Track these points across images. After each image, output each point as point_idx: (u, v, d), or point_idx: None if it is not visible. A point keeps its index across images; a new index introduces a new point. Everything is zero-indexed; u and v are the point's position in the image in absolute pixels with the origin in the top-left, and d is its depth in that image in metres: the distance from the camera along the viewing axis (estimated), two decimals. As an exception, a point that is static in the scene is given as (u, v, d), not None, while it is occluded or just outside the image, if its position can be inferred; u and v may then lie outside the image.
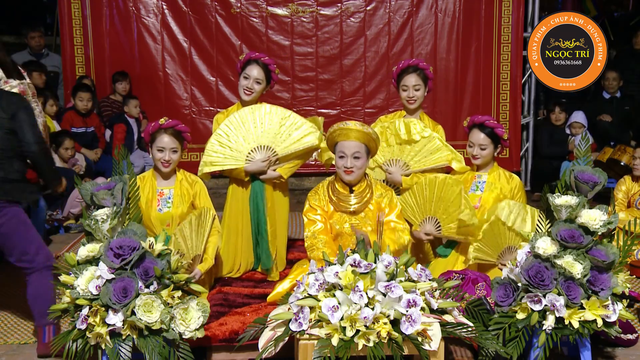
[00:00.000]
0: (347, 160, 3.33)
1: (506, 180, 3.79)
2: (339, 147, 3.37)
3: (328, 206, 3.46)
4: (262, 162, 3.81)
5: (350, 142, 3.33)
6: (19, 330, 3.71)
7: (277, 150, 3.83)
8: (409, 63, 4.02)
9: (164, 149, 3.53)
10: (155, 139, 3.55)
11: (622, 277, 3.07)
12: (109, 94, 6.99)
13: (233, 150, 3.81)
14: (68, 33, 7.07)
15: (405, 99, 3.98)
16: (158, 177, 3.61)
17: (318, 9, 7.16)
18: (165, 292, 2.75)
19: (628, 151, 5.98)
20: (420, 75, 3.97)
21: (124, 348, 2.71)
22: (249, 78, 3.92)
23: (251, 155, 3.82)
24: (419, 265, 2.88)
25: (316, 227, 3.41)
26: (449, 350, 3.31)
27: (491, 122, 3.76)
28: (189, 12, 7.10)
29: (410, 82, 3.95)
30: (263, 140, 3.83)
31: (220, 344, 3.12)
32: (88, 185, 3.07)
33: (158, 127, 3.56)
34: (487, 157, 3.78)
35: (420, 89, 3.97)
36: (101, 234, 2.88)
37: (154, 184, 3.59)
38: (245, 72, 3.93)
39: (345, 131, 3.33)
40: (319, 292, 2.67)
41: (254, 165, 3.81)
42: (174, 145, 3.55)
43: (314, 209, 3.46)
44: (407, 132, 3.87)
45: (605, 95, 6.92)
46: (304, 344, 2.66)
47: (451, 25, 7.15)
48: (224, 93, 7.21)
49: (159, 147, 3.53)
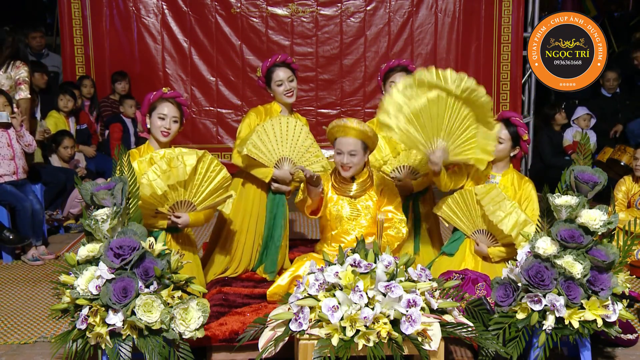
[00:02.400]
0: (344, 156, 3.41)
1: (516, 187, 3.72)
2: (337, 144, 3.44)
3: (328, 187, 3.52)
4: (289, 173, 3.85)
5: (348, 139, 3.40)
6: (19, 330, 3.71)
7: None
8: (398, 62, 4.04)
9: (166, 116, 3.49)
10: (157, 107, 3.51)
11: (622, 277, 3.07)
12: (109, 94, 6.99)
13: (269, 152, 3.84)
14: (68, 33, 7.08)
15: None
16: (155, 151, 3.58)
17: (318, 9, 7.16)
18: (165, 292, 2.75)
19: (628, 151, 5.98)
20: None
21: (124, 348, 2.71)
22: (283, 82, 3.94)
23: (280, 163, 3.85)
24: (419, 265, 2.88)
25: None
26: (449, 350, 3.31)
27: (516, 120, 3.70)
28: (189, 12, 7.11)
29: (398, 80, 3.95)
30: (293, 154, 3.86)
31: (220, 344, 3.13)
32: (88, 185, 3.07)
33: (160, 96, 3.54)
34: (502, 152, 3.70)
35: None
36: (101, 234, 2.88)
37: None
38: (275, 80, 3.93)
39: (342, 128, 3.40)
40: (319, 292, 2.67)
41: (282, 173, 3.85)
42: (175, 115, 3.52)
43: None
44: None
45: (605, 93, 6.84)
46: (304, 344, 2.66)
47: (451, 25, 7.16)
48: (224, 93, 7.21)
49: (161, 114, 3.49)
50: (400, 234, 3.47)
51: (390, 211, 3.49)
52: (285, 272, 3.52)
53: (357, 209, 3.49)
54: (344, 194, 3.50)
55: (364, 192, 3.50)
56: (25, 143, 5.12)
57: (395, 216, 3.49)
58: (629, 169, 5.50)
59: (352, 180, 3.50)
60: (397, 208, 3.52)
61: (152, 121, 3.53)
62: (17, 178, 5.06)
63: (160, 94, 3.54)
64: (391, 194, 3.53)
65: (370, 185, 3.52)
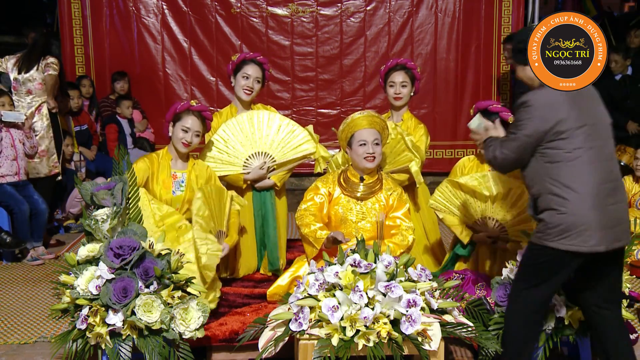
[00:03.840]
0: (369, 146, 3.37)
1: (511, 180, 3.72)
2: (358, 136, 3.39)
3: (334, 188, 3.48)
4: (260, 170, 3.83)
5: (370, 130, 3.39)
6: (19, 330, 3.70)
7: (275, 157, 3.85)
8: (398, 61, 4.04)
9: (189, 129, 3.52)
10: (181, 118, 3.54)
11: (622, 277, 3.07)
12: (109, 94, 6.99)
13: (231, 156, 3.83)
14: (68, 33, 7.07)
15: (392, 95, 4.00)
16: (173, 159, 3.60)
17: (318, 9, 7.16)
18: (165, 292, 2.75)
19: (628, 151, 5.97)
20: (408, 73, 3.99)
21: (124, 348, 2.71)
22: (249, 77, 3.93)
23: (249, 162, 3.83)
24: (419, 265, 2.88)
25: (311, 203, 3.44)
26: (449, 350, 3.31)
27: (495, 107, 3.60)
28: (189, 12, 7.10)
29: (397, 78, 3.97)
30: (261, 147, 3.84)
31: (220, 344, 3.13)
32: (88, 185, 3.07)
33: (187, 107, 3.56)
34: None
35: (407, 87, 3.99)
36: (101, 234, 2.88)
37: (169, 164, 3.58)
38: (245, 72, 3.94)
39: (363, 119, 3.38)
40: (319, 292, 2.67)
41: (253, 174, 3.84)
42: (198, 129, 3.55)
43: (318, 188, 3.48)
44: None
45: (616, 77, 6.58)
46: (304, 344, 2.66)
47: (451, 25, 7.15)
48: (224, 93, 7.21)
49: (185, 127, 3.52)
50: (405, 242, 3.39)
51: (398, 217, 3.44)
52: (286, 273, 3.52)
53: (362, 211, 3.43)
54: (351, 195, 3.45)
55: (372, 195, 3.45)
56: (31, 144, 5.19)
57: (403, 223, 3.43)
58: (629, 169, 5.49)
59: (361, 181, 3.46)
60: (405, 215, 3.46)
61: (174, 131, 3.56)
62: (19, 179, 5.07)
63: (187, 106, 3.56)
64: (400, 200, 3.47)
65: (379, 188, 3.47)
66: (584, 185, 2.60)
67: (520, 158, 2.71)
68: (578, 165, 2.62)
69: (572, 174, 2.61)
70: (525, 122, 2.66)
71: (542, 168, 2.67)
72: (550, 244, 2.62)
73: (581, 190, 2.60)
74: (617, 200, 2.67)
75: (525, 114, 2.66)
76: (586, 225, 2.58)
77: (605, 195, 2.63)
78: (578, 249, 2.59)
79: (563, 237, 2.59)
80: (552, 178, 2.63)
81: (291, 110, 7.11)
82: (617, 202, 2.67)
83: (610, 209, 2.63)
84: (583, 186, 2.60)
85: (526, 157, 2.70)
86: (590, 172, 2.62)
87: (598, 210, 2.59)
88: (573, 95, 2.72)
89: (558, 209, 2.61)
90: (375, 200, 3.44)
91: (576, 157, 2.62)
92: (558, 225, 2.60)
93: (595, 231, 2.58)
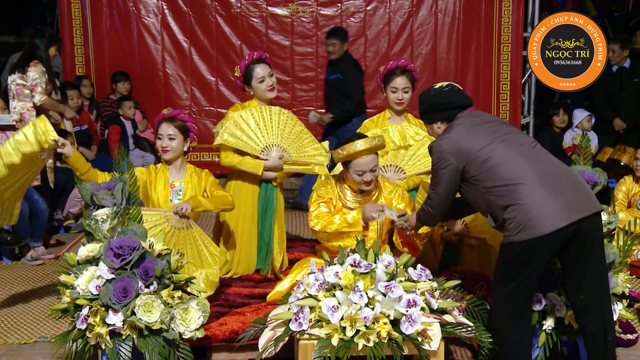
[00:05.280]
0: (367, 175, 3.35)
1: None
2: (355, 166, 3.35)
3: (337, 201, 3.48)
4: (280, 160, 3.84)
5: (367, 158, 3.33)
6: (19, 330, 3.70)
7: (291, 154, 3.86)
8: (398, 64, 4.01)
9: (162, 136, 3.56)
10: (158, 129, 3.60)
11: (622, 277, 3.07)
12: (109, 94, 6.99)
13: (251, 139, 3.83)
14: (68, 33, 7.07)
15: (394, 100, 3.97)
16: (170, 169, 3.62)
17: (318, 9, 7.16)
18: (165, 292, 2.75)
19: (628, 151, 5.97)
20: (409, 77, 3.98)
21: (124, 348, 2.71)
22: (264, 78, 3.95)
23: (266, 150, 3.83)
24: (419, 265, 2.88)
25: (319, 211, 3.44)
26: (449, 350, 3.31)
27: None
28: (189, 12, 7.11)
29: (400, 84, 3.94)
30: (280, 141, 3.85)
31: (220, 344, 3.13)
32: (88, 185, 3.07)
33: (160, 118, 3.62)
34: None
35: (409, 91, 3.98)
36: (101, 234, 2.88)
37: (166, 175, 3.60)
38: (258, 75, 3.93)
39: (357, 153, 3.31)
40: (319, 292, 2.67)
41: (272, 162, 3.83)
42: (170, 132, 3.56)
43: (321, 197, 3.48)
44: (402, 138, 3.89)
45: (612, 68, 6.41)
46: (304, 344, 2.66)
47: (451, 25, 7.16)
48: (224, 93, 7.21)
49: (159, 134, 3.58)
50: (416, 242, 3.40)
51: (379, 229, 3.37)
52: (286, 279, 3.50)
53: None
54: (353, 207, 3.44)
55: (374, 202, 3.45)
56: None
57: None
58: (629, 169, 5.49)
59: (360, 193, 3.46)
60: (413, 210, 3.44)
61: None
62: (18, 178, 5.05)
63: (161, 117, 3.61)
64: (403, 197, 3.48)
65: (379, 195, 3.47)
66: (526, 175, 2.68)
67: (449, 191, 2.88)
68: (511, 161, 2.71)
69: (510, 170, 2.70)
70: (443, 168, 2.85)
71: (479, 188, 2.78)
72: (514, 239, 2.65)
73: (525, 179, 2.67)
74: (569, 183, 2.72)
75: (440, 161, 2.85)
76: (541, 208, 2.61)
77: (553, 179, 2.68)
78: (540, 233, 2.61)
79: (523, 229, 2.63)
80: (495, 186, 2.71)
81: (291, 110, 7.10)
82: (569, 183, 2.72)
83: (561, 186, 2.68)
84: (525, 176, 2.67)
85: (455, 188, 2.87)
86: (526, 164, 2.70)
87: (549, 192, 2.64)
88: (469, 127, 2.86)
89: (514, 203, 2.66)
90: None
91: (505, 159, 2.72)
92: (515, 217, 2.65)
93: (551, 210, 2.61)
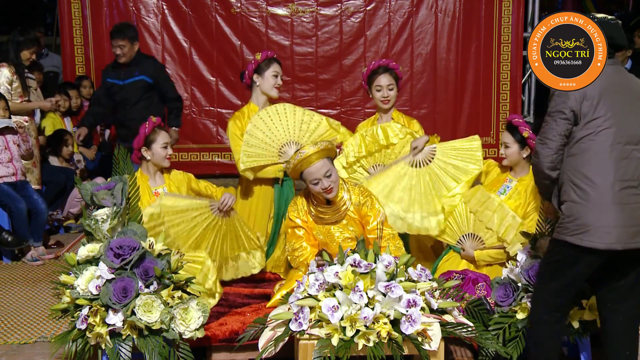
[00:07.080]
0: (323, 181, 3.22)
1: (528, 194, 3.62)
2: (308, 176, 3.24)
3: (308, 217, 3.41)
4: None
5: (316, 165, 3.20)
6: (19, 330, 3.70)
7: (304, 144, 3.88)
8: (380, 63, 4.05)
9: (168, 144, 3.61)
10: (155, 139, 3.59)
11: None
12: (109, 94, 6.97)
13: (268, 146, 3.87)
14: (68, 33, 7.07)
15: (379, 99, 4.01)
16: (150, 178, 3.63)
17: (318, 9, 7.16)
18: (165, 292, 2.75)
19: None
20: (392, 74, 4.01)
21: (124, 348, 2.71)
22: (277, 75, 4.02)
23: (283, 150, 3.87)
24: (419, 265, 2.88)
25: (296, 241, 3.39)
26: (449, 350, 3.31)
27: (516, 121, 3.65)
28: (189, 12, 7.10)
29: (384, 82, 3.98)
30: (291, 136, 3.88)
31: (220, 344, 3.12)
32: (88, 185, 3.07)
33: (154, 126, 3.62)
34: (512, 156, 3.67)
35: (394, 89, 4.02)
36: (101, 234, 2.88)
37: (147, 185, 3.60)
38: (275, 70, 4.00)
39: (307, 160, 3.20)
40: (319, 292, 2.67)
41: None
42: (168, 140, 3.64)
43: (292, 221, 3.41)
44: (385, 136, 3.91)
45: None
46: (304, 344, 2.66)
47: (451, 25, 7.15)
48: (224, 93, 7.21)
49: (165, 142, 3.60)
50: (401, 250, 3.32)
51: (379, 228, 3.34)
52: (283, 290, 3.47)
53: (340, 229, 3.36)
54: (324, 223, 3.37)
55: (344, 215, 3.35)
56: (27, 147, 5.21)
57: (386, 231, 3.34)
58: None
59: (327, 204, 3.35)
60: (384, 223, 3.35)
61: (155, 151, 3.63)
62: (17, 179, 5.06)
63: (154, 125, 3.63)
64: (372, 209, 3.35)
65: (349, 205, 3.36)
66: (604, 179, 2.55)
67: (558, 146, 2.66)
68: (601, 157, 2.57)
69: (594, 166, 2.57)
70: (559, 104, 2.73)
71: (567, 156, 2.63)
72: (567, 239, 2.58)
73: (601, 184, 2.55)
74: (639, 200, 2.60)
75: (559, 98, 2.73)
76: (604, 221, 2.53)
77: (627, 193, 2.56)
78: (594, 246, 2.53)
79: (580, 232, 2.55)
80: (575, 168, 2.60)
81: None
82: (639, 201, 2.59)
83: (630, 207, 2.56)
84: (604, 180, 2.55)
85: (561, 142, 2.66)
86: (612, 167, 2.56)
87: (617, 207, 2.54)
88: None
89: (577, 201, 2.57)
90: (348, 219, 3.36)
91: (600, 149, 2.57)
92: (576, 218, 2.56)
93: (613, 228, 2.52)
